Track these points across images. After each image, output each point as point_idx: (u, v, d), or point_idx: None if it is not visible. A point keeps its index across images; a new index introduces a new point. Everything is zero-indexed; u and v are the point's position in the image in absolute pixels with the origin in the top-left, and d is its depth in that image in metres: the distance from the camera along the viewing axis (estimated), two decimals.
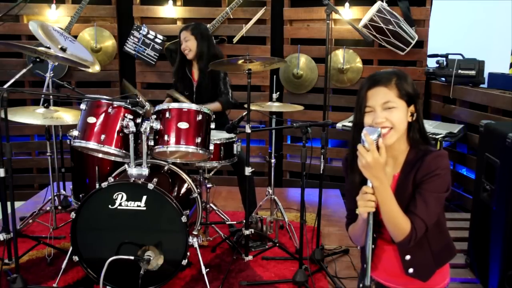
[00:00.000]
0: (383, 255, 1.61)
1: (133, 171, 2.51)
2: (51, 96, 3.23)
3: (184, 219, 2.46)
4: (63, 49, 3.10)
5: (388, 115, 1.46)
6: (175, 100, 3.25)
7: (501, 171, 2.38)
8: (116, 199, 2.48)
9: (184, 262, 2.50)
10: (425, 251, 1.55)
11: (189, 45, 3.33)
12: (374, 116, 1.47)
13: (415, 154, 1.52)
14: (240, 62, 2.86)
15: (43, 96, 3.22)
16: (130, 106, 2.61)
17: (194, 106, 2.70)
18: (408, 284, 1.59)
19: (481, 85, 3.78)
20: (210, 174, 3.25)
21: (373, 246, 1.60)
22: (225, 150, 3.04)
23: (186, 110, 2.68)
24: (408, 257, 1.55)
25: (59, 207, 3.60)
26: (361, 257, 1.73)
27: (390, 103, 1.47)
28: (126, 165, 2.59)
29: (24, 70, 2.89)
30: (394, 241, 1.53)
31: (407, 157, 1.53)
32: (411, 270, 1.56)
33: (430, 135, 3.34)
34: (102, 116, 2.60)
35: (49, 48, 3.04)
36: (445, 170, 1.47)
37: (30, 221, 3.47)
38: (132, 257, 2.40)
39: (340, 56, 4.36)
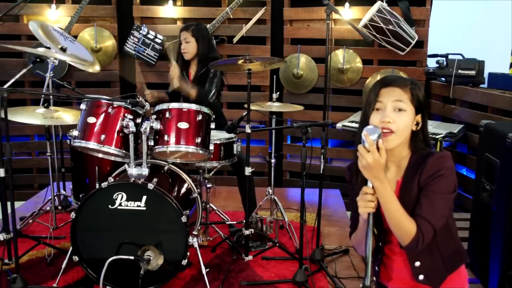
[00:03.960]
0: (393, 265, 1.59)
1: (133, 171, 2.51)
2: (51, 96, 3.23)
3: (184, 219, 2.46)
4: (63, 49, 3.10)
5: (396, 117, 1.45)
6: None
7: (501, 171, 2.38)
8: (116, 199, 2.48)
9: (184, 262, 2.50)
10: (435, 257, 1.52)
11: (188, 47, 3.31)
12: (382, 115, 1.46)
13: (417, 158, 1.50)
14: (240, 62, 2.86)
15: (43, 96, 3.22)
16: (130, 106, 2.61)
17: (194, 106, 2.70)
18: None
19: (481, 85, 3.78)
20: (210, 174, 3.25)
21: (379, 255, 1.59)
22: (225, 150, 3.04)
23: (186, 110, 2.68)
24: (417, 263, 1.53)
25: (59, 207, 3.60)
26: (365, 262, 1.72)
27: (402, 103, 1.46)
28: (126, 165, 2.58)
29: (24, 70, 2.89)
30: (402, 247, 1.51)
31: (410, 162, 1.52)
32: (421, 277, 1.53)
33: (430, 135, 3.34)
34: (102, 116, 2.60)
35: (49, 48, 3.04)
36: (449, 170, 1.44)
37: (30, 221, 3.47)
38: (132, 257, 2.40)
39: (340, 56, 4.36)
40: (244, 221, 2.95)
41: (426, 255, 1.50)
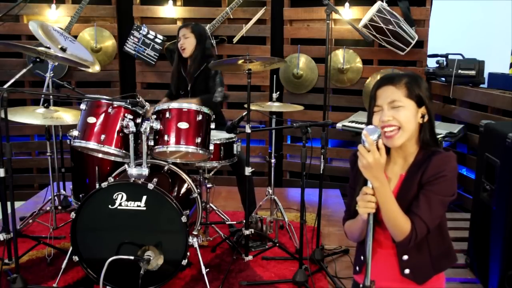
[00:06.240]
0: (376, 257, 1.58)
1: (133, 171, 2.51)
2: (51, 96, 3.23)
3: (184, 219, 2.46)
4: (63, 49, 3.10)
5: (395, 114, 1.46)
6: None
7: (501, 171, 2.38)
8: (116, 199, 2.48)
9: (184, 262, 2.50)
10: (424, 253, 1.53)
11: (187, 42, 3.32)
12: (381, 115, 1.47)
13: (423, 155, 1.51)
14: (240, 62, 2.86)
15: (43, 96, 3.23)
16: (130, 106, 2.61)
17: (194, 106, 2.70)
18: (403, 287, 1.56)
19: (481, 85, 3.78)
20: (210, 174, 3.25)
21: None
22: (225, 150, 3.04)
23: (186, 110, 2.68)
24: (405, 257, 1.53)
25: (59, 207, 3.59)
26: (355, 258, 1.71)
27: (397, 102, 1.46)
28: (126, 165, 2.59)
29: (24, 70, 2.88)
30: (388, 244, 1.54)
31: (416, 158, 1.52)
32: (407, 271, 1.53)
33: None
34: (102, 116, 2.60)
35: (49, 48, 3.04)
36: (452, 172, 1.44)
37: (30, 221, 3.47)
38: (132, 257, 2.40)
39: (340, 56, 4.36)
40: (244, 221, 2.95)
41: (415, 250, 1.52)
